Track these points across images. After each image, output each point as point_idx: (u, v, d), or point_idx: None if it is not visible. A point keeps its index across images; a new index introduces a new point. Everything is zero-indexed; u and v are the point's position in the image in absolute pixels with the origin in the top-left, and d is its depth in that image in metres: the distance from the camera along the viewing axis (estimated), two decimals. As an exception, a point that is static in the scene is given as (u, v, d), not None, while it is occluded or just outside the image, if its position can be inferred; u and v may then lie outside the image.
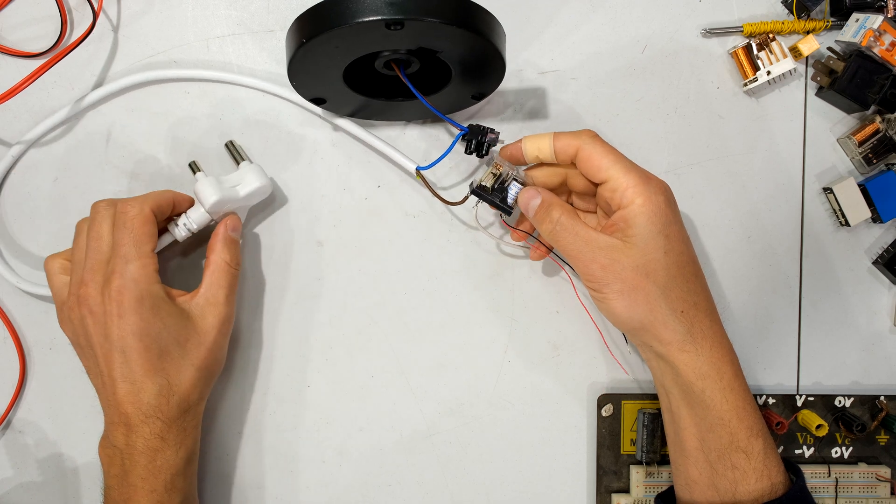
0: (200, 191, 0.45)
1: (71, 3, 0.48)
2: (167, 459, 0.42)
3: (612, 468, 0.51)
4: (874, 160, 0.49)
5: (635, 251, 0.40)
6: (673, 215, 0.41)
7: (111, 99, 0.49)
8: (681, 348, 0.41)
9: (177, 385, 0.42)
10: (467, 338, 0.51)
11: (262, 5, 0.49)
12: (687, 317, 0.41)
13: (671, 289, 0.41)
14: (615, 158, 0.41)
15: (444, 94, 0.45)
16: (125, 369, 0.41)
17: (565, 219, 0.42)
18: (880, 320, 0.52)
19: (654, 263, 0.40)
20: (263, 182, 0.46)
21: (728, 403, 0.41)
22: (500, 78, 0.43)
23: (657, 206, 0.40)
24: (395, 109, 0.47)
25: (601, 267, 0.41)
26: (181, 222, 0.46)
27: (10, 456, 0.51)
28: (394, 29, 0.36)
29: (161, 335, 0.42)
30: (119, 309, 0.41)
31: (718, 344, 0.42)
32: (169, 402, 0.42)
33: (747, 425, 0.41)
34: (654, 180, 0.41)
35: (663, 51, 0.50)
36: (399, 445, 0.51)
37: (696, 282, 0.42)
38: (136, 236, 0.42)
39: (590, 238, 0.41)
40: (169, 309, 0.42)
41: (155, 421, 0.42)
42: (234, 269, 0.45)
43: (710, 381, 0.41)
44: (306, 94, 0.44)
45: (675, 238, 0.41)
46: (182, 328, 0.43)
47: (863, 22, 0.47)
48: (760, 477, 0.41)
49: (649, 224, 0.40)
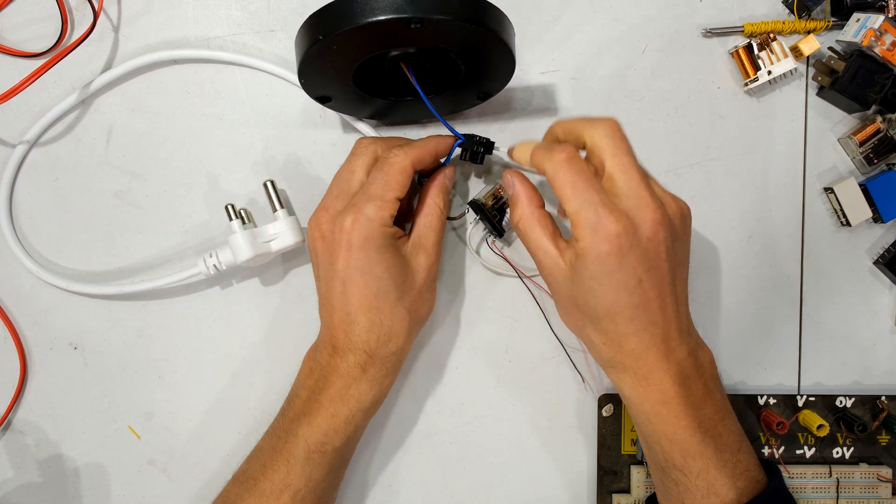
0: (235, 245, 0.45)
1: (71, 3, 0.48)
2: (360, 391, 0.43)
3: (612, 468, 0.51)
4: (875, 160, 0.49)
5: (571, 281, 0.40)
6: (617, 264, 0.38)
7: (119, 84, 0.49)
8: (607, 367, 0.42)
9: (388, 324, 0.43)
10: (467, 338, 0.51)
11: (262, 5, 0.49)
12: (609, 348, 0.41)
13: (598, 323, 0.40)
14: (573, 192, 0.39)
15: (451, 94, 0.45)
16: (343, 300, 0.43)
17: (523, 222, 0.42)
18: (881, 320, 0.52)
19: (583, 299, 0.40)
20: (298, 240, 0.47)
21: (653, 426, 0.41)
22: (508, 78, 0.44)
23: (598, 254, 0.38)
24: (397, 110, 0.47)
25: (546, 272, 0.42)
26: (210, 262, 0.46)
27: (10, 456, 0.51)
28: (414, 27, 0.36)
29: (381, 276, 0.42)
30: (348, 242, 0.42)
31: (644, 373, 0.40)
32: (378, 338, 0.43)
33: (679, 448, 0.41)
34: (605, 225, 0.38)
35: (664, 51, 0.50)
36: (399, 445, 0.51)
37: (628, 324, 0.40)
38: (387, 181, 0.42)
39: (539, 248, 0.42)
40: (394, 252, 0.43)
41: (360, 353, 0.43)
42: (444, 215, 0.46)
43: (633, 404, 0.42)
44: (313, 93, 0.44)
45: (611, 287, 0.39)
46: (400, 270, 0.43)
47: (864, 22, 0.47)
48: (706, 493, 0.41)
49: (584, 269, 0.39)
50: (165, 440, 0.51)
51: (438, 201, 0.45)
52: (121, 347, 0.50)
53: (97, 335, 0.50)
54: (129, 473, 0.51)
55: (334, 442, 0.43)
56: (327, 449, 0.43)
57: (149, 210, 0.50)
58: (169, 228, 0.50)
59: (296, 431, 0.43)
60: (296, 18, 0.49)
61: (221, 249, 0.46)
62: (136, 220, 0.50)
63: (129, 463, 0.51)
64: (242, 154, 0.49)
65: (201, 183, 0.49)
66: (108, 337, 0.50)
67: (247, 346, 0.51)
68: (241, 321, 0.50)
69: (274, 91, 0.49)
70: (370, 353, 0.43)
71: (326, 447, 0.43)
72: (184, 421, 0.51)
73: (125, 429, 0.51)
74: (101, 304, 0.50)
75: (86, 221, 0.50)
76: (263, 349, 0.51)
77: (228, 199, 0.49)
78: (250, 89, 0.49)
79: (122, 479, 0.51)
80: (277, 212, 0.47)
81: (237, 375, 0.51)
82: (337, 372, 0.43)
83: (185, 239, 0.50)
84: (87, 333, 0.50)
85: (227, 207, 0.46)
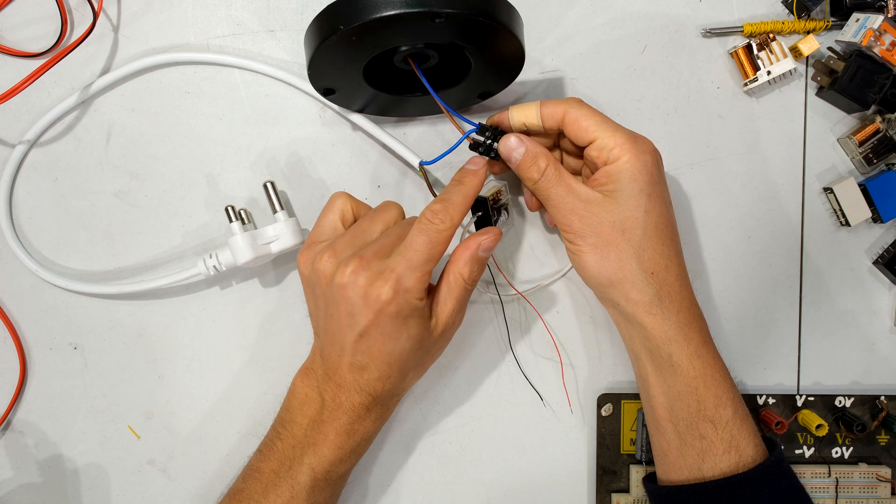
0: (235, 247, 0.45)
1: (71, 3, 0.48)
2: (365, 427, 0.43)
3: (611, 468, 0.51)
4: (874, 160, 0.49)
5: (614, 206, 0.40)
6: (658, 176, 0.41)
7: (119, 85, 0.49)
8: (647, 310, 0.41)
9: (397, 379, 0.43)
10: (467, 338, 0.51)
11: (261, 5, 0.49)
12: (657, 279, 0.41)
13: (645, 249, 0.41)
14: (601, 119, 0.41)
15: (453, 92, 0.45)
16: (356, 348, 0.41)
17: (551, 169, 0.41)
18: (880, 320, 0.52)
19: (631, 221, 0.40)
20: (298, 242, 0.47)
21: (695, 370, 0.41)
22: (514, 76, 0.44)
23: (643, 163, 0.40)
24: (402, 105, 0.47)
25: (579, 218, 0.41)
26: (210, 263, 0.46)
27: (10, 457, 0.51)
28: (438, 21, 0.36)
29: (404, 343, 0.41)
30: (380, 310, 0.40)
31: (686, 309, 0.42)
32: (385, 388, 0.42)
33: (714, 393, 0.41)
34: (641, 140, 0.41)
35: (663, 51, 0.50)
36: (399, 445, 0.51)
37: (671, 245, 0.42)
38: (432, 252, 0.40)
39: (572, 188, 0.41)
40: (419, 321, 0.41)
41: (367, 395, 0.42)
42: (469, 287, 0.42)
43: (676, 345, 0.41)
44: (319, 85, 0.43)
45: (657, 199, 0.41)
46: (421, 340, 0.42)
47: (863, 22, 0.47)
48: (728, 448, 0.41)
49: (632, 181, 0.40)
50: (165, 440, 0.51)
51: (465, 273, 0.42)
52: (121, 347, 0.50)
53: (97, 335, 0.50)
54: (128, 473, 0.51)
55: (339, 470, 0.44)
56: (332, 477, 0.44)
57: (149, 210, 0.50)
58: (169, 228, 0.50)
59: (301, 459, 0.43)
60: (296, 18, 0.49)
61: (221, 250, 0.46)
62: (136, 220, 0.50)
63: (128, 463, 0.51)
64: (242, 154, 0.49)
65: (201, 183, 0.49)
66: (108, 337, 0.50)
67: (247, 346, 0.51)
68: (240, 321, 0.50)
69: (273, 91, 0.49)
70: (375, 397, 0.43)
71: (332, 475, 0.44)
72: (184, 421, 0.51)
73: (125, 429, 0.51)
74: (101, 304, 0.50)
75: (86, 221, 0.49)
76: (263, 349, 0.51)
77: (228, 199, 0.49)
78: (250, 89, 0.49)
79: (121, 479, 0.51)
80: (278, 213, 0.47)
81: (237, 375, 0.51)
82: (342, 408, 0.43)
83: (185, 239, 0.50)
84: (87, 333, 0.50)
85: (228, 209, 0.46)
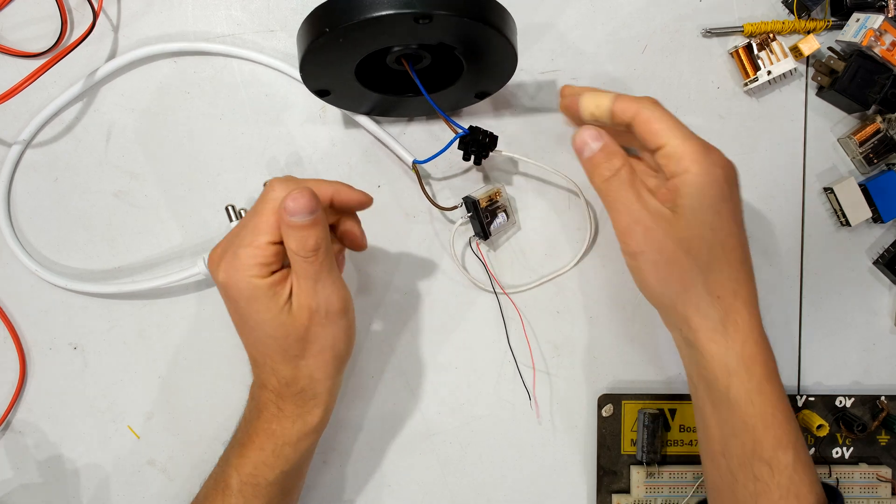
0: None
1: (71, 3, 0.48)
2: (283, 427, 0.42)
3: (612, 468, 0.50)
4: (875, 160, 0.49)
5: (681, 223, 0.37)
6: (730, 192, 0.38)
7: (117, 79, 0.49)
8: (710, 337, 0.38)
9: (280, 369, 0.41)
10: (467, 338, 0.51)
11: (261, 5, 0.49)
12: (723, 304, 0.38)
13: (712, 270, 0.38)
14: (674, 125, 0.38)
15: (449, 92, 0.45)
16: (240, 338, 0.42)
17: (626, 170, 0.38)
18: (881, 320, 0.52)
19: (698, 239, 0.37)
20: None
21: (754, 407, 0.38)
22: (508, 77, 0.44)
23: (713, 178, 0.37)
24: (397, 106, 0.47)
25: (644, 230, 0.38)
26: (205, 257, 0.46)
27: (10, 457, 0.51)
28: (422, 23, 0.36)
29: (256, 328, 0.40)
30: (225, 294, 0.40)
31: (753, 341, 0.38)
32: (278, 380, 0.41)
33: (774, 434, 0.38)
34: (713, 151, 0.38)
35: (664, 51, 0.50)
36: (399, 445, 0.51)
37: (741, 268, 0.38)
38: (258, 221, 0.38)
39: (641, 198, 0.38)
40: (268, 303, 0.39)
41: (271, 391, 0.42)
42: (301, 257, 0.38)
43: (736, 378, 0.38)
44: (312, 86, 0.44)
45: (728, 217, 0.37)
46: (277, 322, 0.39)
47: (863, 22, 0.47)
48: (786, 494, 0.37)
49: (701, 196, 0.37)
50: (165, 440, 0.51)
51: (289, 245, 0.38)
52: (121, 347, 0.50)
53: (97, 335, 0.50)
54: (128, 473, 0.51)
55: (266, 475, 0.42)
56: (260, 482, 0.42)
57: (149, 210, 0.50)
58: (169, 228, 0.50)
59: (228, 461, 0.43)
60: (295, 18, 0.49)
61: None
62: (136, 220, 0.50)
63: (128, 463, 0.51)
64: (242, 154, 0.49)
65: (201, 183, 0.49)
66: (108, 337, 0.50)
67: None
68: (240, 321, 0.50)
69: (274, 91, 0.49)
70: (278, 393, 0.41)
71: (259, 479, 0.42)
72: (184, 421, 0.51)
73: (125, 429, 0.51)
74: (101, 304, 0.50)
75: (86, 221, 0.49)
76: (263, 349, 0.51)
77: (228, 198, 0.49)
78: (250, 89, 0.49)
79: (121, 479, 0.51)
80: None
81: (237, 376, 0.51)
82: (264, 404, 0.42)
83: (185, 239, 0.50)
84: (87, 333, 0.50)
85: (228, 208, 0.46)
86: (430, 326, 0.51)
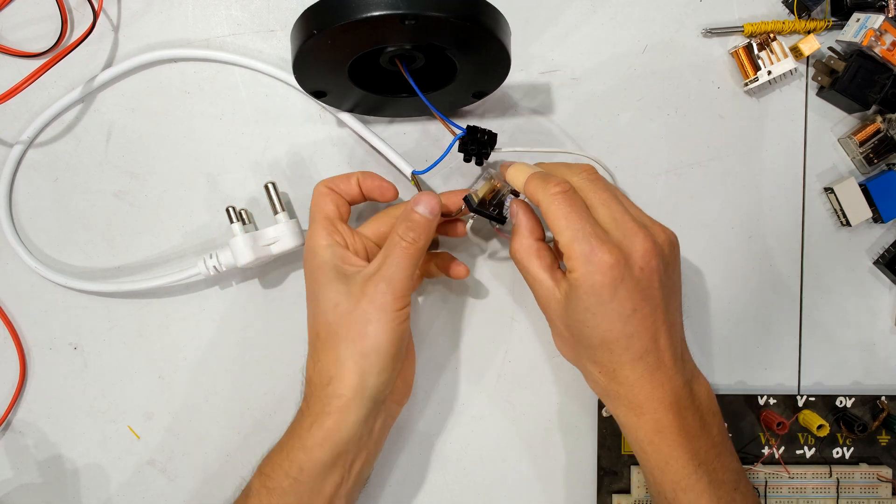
0: (236, 248, 0.46)
1: (71, 3, 0.48)
2: (301, 427, 0.42)
3: (612, 468, 0.50)
4: (875, 160, 0.49)
5: (566, 310, 0.41)
6: (611, 295, 0.38)
7: (118, 82, 0.49)
8: (604, 397, 0.43)
9: (314, 353, 0.42)
10: (467, 337, 0.51)
11: (262, 5, 0.49)
12: (604, 377, 0.41)
13: (593, 352, 0.41)
14: (566, 224, 0.39)
15: (446, 92, 0.45)
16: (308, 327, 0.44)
17: (521, 254, 0.42)
18: (881, 320, 0.52)
19: (577, 329, 0.41)
20: (299, 243, 0.47)
21: (646, 455, 0.41)
22: (503, 77, 0.44)
23: (591, 284, 0.38)
24: (394, 106, 0.47)
25: (543, 304, 0.42)
26: (210, 263, 0.46)
27: (9, 457, 0.51)
28: (408, 24, 0.36)
29: (311, 303, 0.43)
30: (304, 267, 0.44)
31: (638, 404, 0.41)
32: (312, 366, 0.42)
33: (671, 479, 0.41)
34: (598, 256, 0.38)
35: (664, 51, 0.50)
36: (399, 445, 0.51)
37: (623, 353, 0.40)
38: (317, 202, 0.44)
39: (536, 279, 0.42)
40: (338, 284, 0.41)
41: (306, 382, 0.43)
42: (397, 239, 0.42)
43: (626, 431, 0.42)
44: (308, 87, 0.44)
45: (605, 317, 0.39)
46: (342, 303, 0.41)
47: (864, 22, 0.47)
48: None
49: (578, 300, 0.39)
50: (165, 440, 0.51)
51: (398, 228, 0.42)
52: (121, 347, 0.50)
53: (97, 335, 0.50)
54: (128, 473, 0.51)
55: (279, 480, 0.41)
56: (272, 486, 0.41)
57: (149, 210, 0.50)
58: (169, 228, 0.50)
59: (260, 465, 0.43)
60: (295, 18, 0.48)
61: (222, 251, 0.46)
62: (136, 220, 0.50)
63: (128, 463, 0.51)
64: (242, 154, 0.49)
65: (201, 183, 0.49)
66: (108, 337, 0.50)
67: (247, 346, 0.50)
68: (241, 321, 0.50)
69: (274, 91, 0.49)
70: (309, 381, 0.42)
71: (272, 484, 0.41)
72: (184, 421, 0.51)
73: (125, 429, 0.51)
74: (101, 304, 0.50)
75: (86, 221, 0.49)
76: (263, 349, 0.51)
77: (228, 199, 0.49)
78: (250, 89, 0.49)
79: (121, 480, 0.51)
80: (279, 214, 0.47)
81: (237, 376, 0.51)
82: (303, 398, 0.43)
83: (185, 239, 0.50)
84: (87, 333, 0.50)
85: (228, 210, 0.46)
86: (430, 327, 0.51)
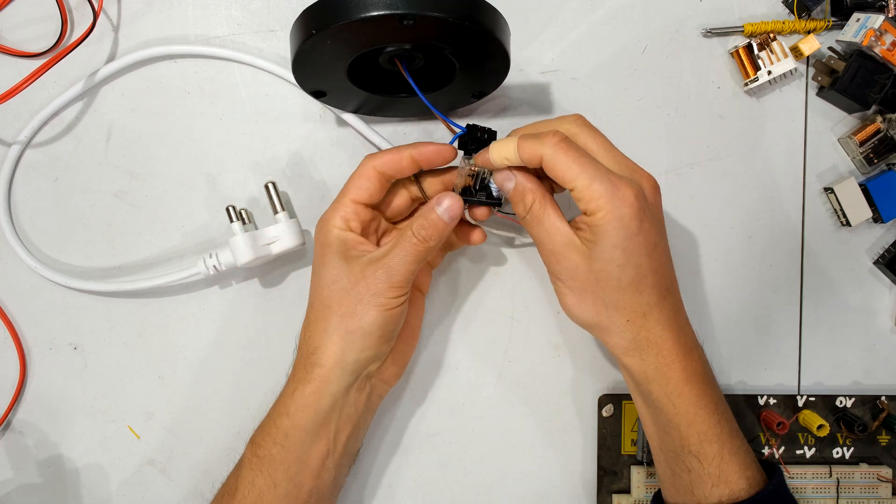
0: (236, 247, 0.46)
1: (71, 3, 0.48)
2: (285, 391, 0.43)
3: (612, 468, 0.50)
4: (875, 160, 0.49)
5: (591, 258, 0.40)
6: (638, 227, 0.39)
7: (118, 80, 0.49)
8: (625, 353, 0.42)
9: (307, 323, 0.44)
10: (467, 338, 0.51)
11: (262, 5, 0.49)
12: (633, 325, 0.41)
13: (621, 299, 0.40)
14: (580, 168, 0.39)
15: (446, 92, 0.45)
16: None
17: (537, 206, 0.41)
18: (881, 320, 0.52)
19: (606, 273, 0.40)
20: (299, 243, 0.47)
21: (675, 408, 0.41)
22: (503, 76, 0.44)
23: (619, 218, 0.38)
24: (395, 106, 0.47)
25: (557, 261, 0.41)
26: (210, 262, 0.46)
27: (9, 457, 0.51)
28: (406, 24, 0.36)
29: (315, 277, 0.43)
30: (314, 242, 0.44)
31: (668, 350, 0.41)
32: (303, 334, 0.44)
33: (697, 430, 0.41)
34: (621, 190, 0.38)
35: (664, 51, 0.50)
36: (399, 445, 0.51)
37: (651, 292, 0.40)
38: (347, 184, 0.43)
39: (555, 230, 0.41)
40: (344, 262, 0.42)
41: (296, 351, 0.44)
42: (410, 235, 0.42)
43: (655, 384, 0.41)
44: (308, 87, 0.44)
45: (634, 251, 0.39)
46: (346, 283, 0.42)
47: (864, 22, 0.47)
48: (717, 482, 0.40)
49: (607, 238, 0.38)
50: (165, 440, 0.51)
51: (413, 224, 0.42)
52: (121, 347, 0.50)
53: (97, 335, 0.50)
54: (129, 473, 0.51)
55: (267, 447, 0.42)
56: (261, 454, 0.42)
57: (149, 210, 0.50)
58: (169, 228, 0.50)
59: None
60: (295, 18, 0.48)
61: (221, 250, 0.46)
62: (136, 220, 0.50)
63: (128, 463, 0.51)
64: (242, 154, 0.49)
65: (201, 183, 0.49)
66: (108, 337, 0.50)
67: (247, 346, 0.50)
68: (241, 321, 0.50)
69: (274, 91, 0.49)
70: (298, 350, 0.44)
71: (260, 451, 0.43)
72: (184, 421, 0.51)
73: (125, 429, 0.51)
74: (101, 304, 0.50)
75: (86, 221, 0.49)
76: (264, 349, 0.51)
77: (228, 199, 0.49)
78: (250, 89, 0.49)
79: (121, 480, 0.51)
80: (278, 214, 0.47)
81: (237, 375, 0.51)
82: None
83: (185, 239, 0.50)
84: (87, 333, 0.50)
85: (229, 209, 0.46)
86: (430, 327, 0.51)
